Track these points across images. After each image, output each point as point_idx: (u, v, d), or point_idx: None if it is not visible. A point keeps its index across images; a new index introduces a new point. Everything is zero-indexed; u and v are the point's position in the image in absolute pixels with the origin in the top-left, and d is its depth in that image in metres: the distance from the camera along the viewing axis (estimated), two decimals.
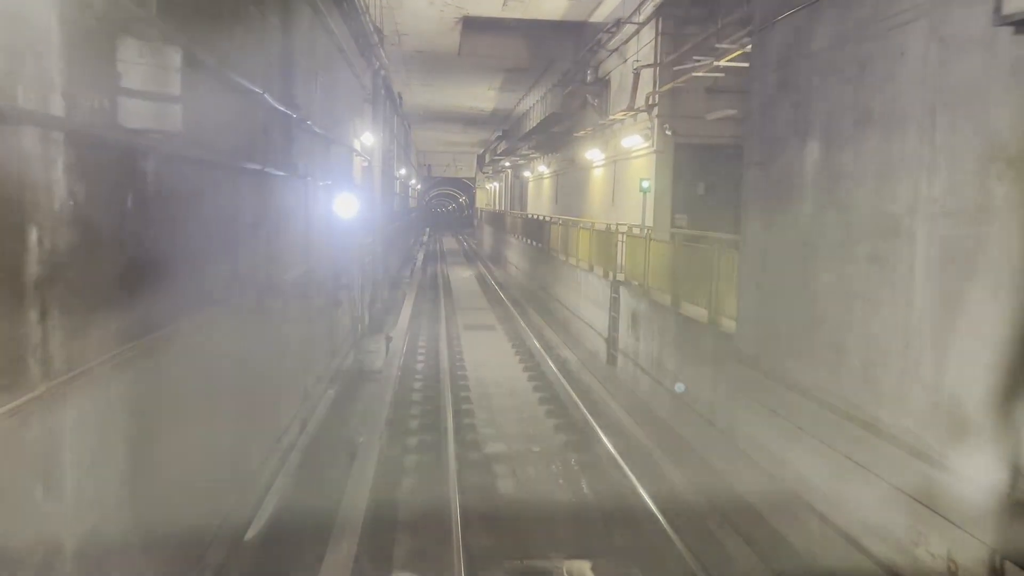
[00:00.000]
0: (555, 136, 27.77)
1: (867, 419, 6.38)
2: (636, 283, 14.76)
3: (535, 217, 29.36)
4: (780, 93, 8.24)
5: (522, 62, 27.14)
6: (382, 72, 18.60)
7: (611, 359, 15.88)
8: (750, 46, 9.71)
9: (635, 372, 13.85)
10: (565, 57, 25.34)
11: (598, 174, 22.71)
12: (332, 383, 12.96)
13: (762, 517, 7.94)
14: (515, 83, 32.45)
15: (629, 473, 9.06)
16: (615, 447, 9.98)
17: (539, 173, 35.50)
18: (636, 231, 15.25)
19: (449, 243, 64.08)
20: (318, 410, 11.11)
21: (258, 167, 7.36)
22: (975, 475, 5.17)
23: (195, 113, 5.67)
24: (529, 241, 29.25)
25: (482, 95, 36.13)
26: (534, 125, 30.85)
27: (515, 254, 34.32)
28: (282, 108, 8.38)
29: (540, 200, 36.15)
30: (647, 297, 13.36)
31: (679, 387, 11.02)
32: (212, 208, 6.21)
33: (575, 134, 23.88)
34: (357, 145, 17.73)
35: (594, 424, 11.02)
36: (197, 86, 5.71)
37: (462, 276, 35.62)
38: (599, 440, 10.45)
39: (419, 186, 68.12)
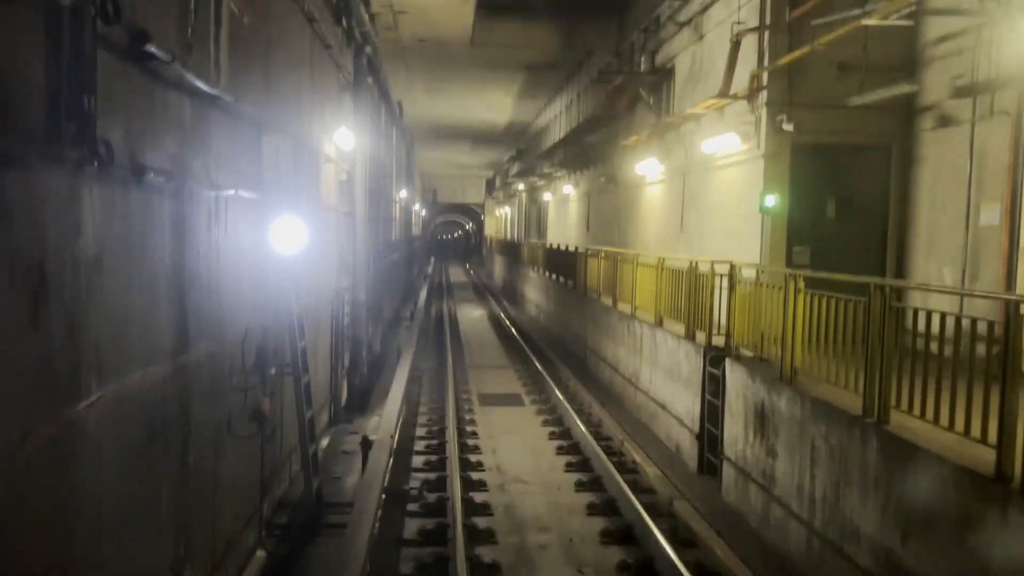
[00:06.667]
0: (589, 148, 22.49)
1: None
2: (752, 355, 9.37)
3: (562, 248, 24.01)
4: None
5: (549, 55, 21.94)
6: (367, 49, 13.33)
7: (707, 467, 10.42)
8: None
9: (766, 506, 8.38)
10: (606, 47, 20.14)
11: (655, 192, 17.35)
12: (263, 540, 7.53)
13: None
14: (538, 85, 27.21)
15: None
16: None
17: (563, 195, 30.18)
18: (747, 272, 9.82)
19: (456, 274, 58.74)
20: None
21: None
22: None
23: None
24: (554, 276, 23.91)
25: (497, 103, 30.92)
26: (561, 136, 25.62)
27: (535, 291, 28.91)
28: None
29: (565, 227, 30.79)
30: (792, 387, 7.95)
31: None
32: None
33: (622, 142, 18.57)
34: (330, 150, 12.43)
35: None
36: None
37: (472, 317, 30.17)
38: None
39: (424, 212, 63.09)
